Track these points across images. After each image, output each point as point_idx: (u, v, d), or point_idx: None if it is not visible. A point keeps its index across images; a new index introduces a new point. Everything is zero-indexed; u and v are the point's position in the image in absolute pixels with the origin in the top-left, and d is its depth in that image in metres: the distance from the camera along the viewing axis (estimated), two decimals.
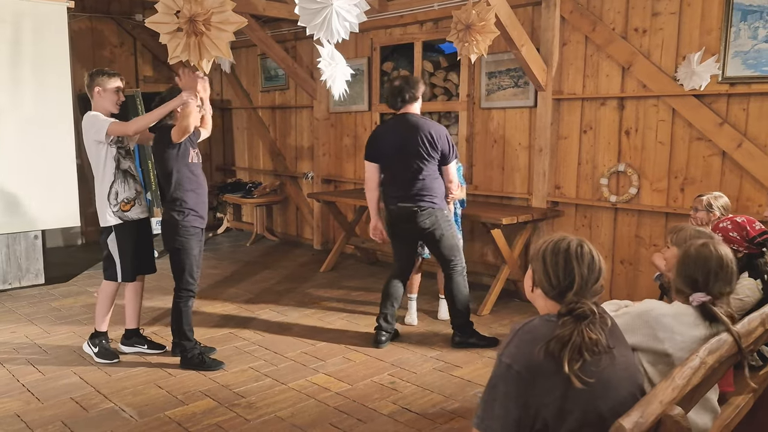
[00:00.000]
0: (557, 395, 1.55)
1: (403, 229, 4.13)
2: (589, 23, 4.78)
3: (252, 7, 5.81)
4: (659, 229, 4.59)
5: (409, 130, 3.99)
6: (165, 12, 2.83)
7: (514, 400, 1.56)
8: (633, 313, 2.09)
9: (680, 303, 2.09)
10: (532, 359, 1.56)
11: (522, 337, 1.62)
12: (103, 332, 3.98)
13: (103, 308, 3.96)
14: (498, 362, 1.62)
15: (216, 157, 8.80)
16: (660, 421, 1.53)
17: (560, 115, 5.09)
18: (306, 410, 3.30)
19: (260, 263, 6.64)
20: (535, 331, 1.63)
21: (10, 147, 5.23)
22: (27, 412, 3.26)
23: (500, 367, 1.60)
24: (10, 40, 5.18)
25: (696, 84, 4.27)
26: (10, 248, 5.46)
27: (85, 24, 7.41)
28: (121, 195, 3.83)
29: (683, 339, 1.98)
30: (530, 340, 1.60)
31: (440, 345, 4.24)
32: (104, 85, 3.79)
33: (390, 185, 4.12)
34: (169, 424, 3.15)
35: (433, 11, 5.70)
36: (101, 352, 3.93)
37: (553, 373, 1.55)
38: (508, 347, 1.62)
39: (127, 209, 3.85)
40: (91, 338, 3.99)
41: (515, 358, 1.59)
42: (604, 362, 1.60)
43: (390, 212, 4.15)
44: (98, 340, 3.95)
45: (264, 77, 7.93)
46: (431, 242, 4.14)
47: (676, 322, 2.01)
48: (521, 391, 1.56)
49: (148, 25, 2.86)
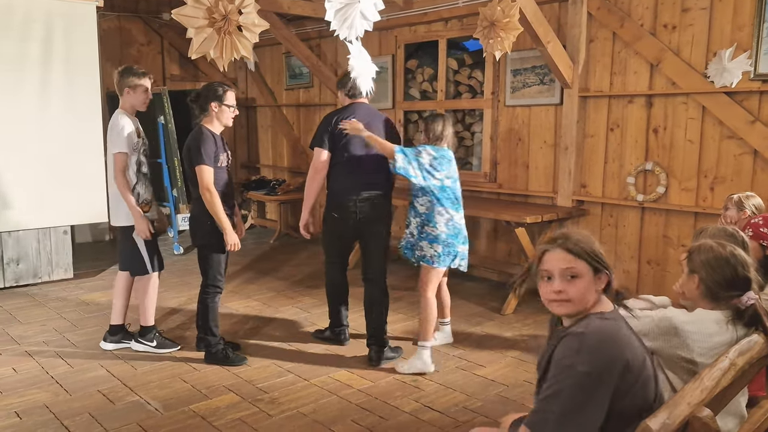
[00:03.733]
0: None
1: (363, 221, 3.85)
2: (617, 19, 4.71)
3: (277, 6, 5.84)
4: (688, 229, 4.51)
5: (377, 118, 3.95)
6: (194, 6, 2.84)
7: (598, 405, 1.55)
8: (655, 318, 2.07)
9: (702, 310, 2.07)
10: (613, 359, 1.56)
11: (593, 339, 1.60)
12: (152, 325, 4.06)
13: (149, 303, 4.03)
14: (571, 372, 1.56)
15: (240, 154, 8.87)
16: (688, 422, 1.50)
17: (587, 113, 5.03)
18: (328, 406, 3.31)
19: (284, 260, 6.68)
20: (604, 331, 1.62)
21: (40, 144, 5.33)
22: (56, 404, 3.32)
23: (576, 377, 1.55)
24: (41, 39, 5.28)
25: (727, 81, 4.18)
26: (41, 243, 5.57)
27: (113, 23, 7.52)
28: (143, 196, 3.91)
29: (706, 345, 1.97)
30: (604, 340, 1.59)
31: (463, 344, 4.22)
32: (134, 85, 3.87)
33: (355, 174, 3.84)
34: (193, 417, 3.19)
35: (458, 8, 5.67)
36: (161, 343, 4.03)
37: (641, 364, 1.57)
38: (579, 355, 1.57)
39: (147, 210, 3.93)
40: (141, 335, 4.05)
41: (594, 364, 1.55)
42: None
43: (348, 203, 3.83)
44: (152, 335, 4.05)
45: (288, 75, 7.97)
46: (380, 237, 3.92)
47: (697, 329, 2.00)
48: (605, 395, 1.55)
49: (174, 16, 2.87)
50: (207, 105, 3.69)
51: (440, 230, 3.71)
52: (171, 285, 5.60)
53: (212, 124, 3.73)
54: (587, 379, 1.53)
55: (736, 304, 2.03)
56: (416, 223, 3.79)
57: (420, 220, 3.77)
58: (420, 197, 3.74)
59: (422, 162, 3.63)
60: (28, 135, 5.28)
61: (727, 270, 2.03)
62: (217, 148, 3.70)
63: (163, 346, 4.04)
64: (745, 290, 2.03)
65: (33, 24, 5.22)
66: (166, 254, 6.74)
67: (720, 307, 2.06)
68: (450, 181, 3.71)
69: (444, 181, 3.68)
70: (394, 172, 3.70)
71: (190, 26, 2.88)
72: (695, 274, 2.10)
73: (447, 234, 3.72)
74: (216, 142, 3.70)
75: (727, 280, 2.03)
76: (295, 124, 8.02)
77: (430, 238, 3.73)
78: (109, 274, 5.99)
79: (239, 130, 8.76)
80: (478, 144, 6.00)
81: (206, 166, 3.61)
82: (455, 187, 3.77)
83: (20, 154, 5.26)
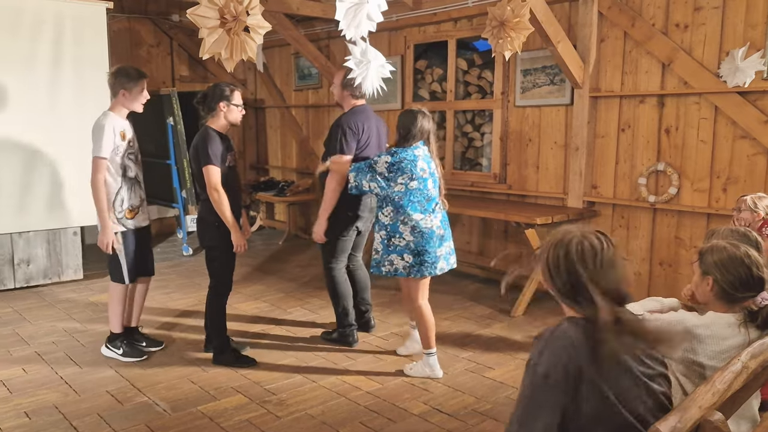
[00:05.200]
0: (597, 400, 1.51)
1: (366, 219, 4.14)
2: (628, 19, 4.67)
3: (286, 6, 5.84)
4: (700, 231, 4.46)
5: (378, 121, 4.02)
6: (207, 6, 2.85)
7: (552, 408, 1.52)
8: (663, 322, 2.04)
9: (713, 313, 2.04)
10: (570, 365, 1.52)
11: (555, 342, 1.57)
12: (119, 333, 3.96)
13: (116, 310, 3.94)
14: (531, 372, 1.56)
15: (249, 155, 8.88)
16: (699, 426, 1.47)
17: (597, 113, 4.99)
18: (336, 408, 3.30)
19: (292, 261, 6.67)
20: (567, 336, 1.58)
21: (50, 145, 5.36)
22: (65, 404, 3.33)
23: (534, 378, 1.55)
24: (52, 41, 5.31)
25: (740, 80, 4.13)
26: (51, 244, 5.59)
27: (123, 24, 7.55)
28: (127, 202, 3.82)
29: (718, 349, 1.95)
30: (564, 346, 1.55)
31: (472, 346, 4.19)
32: (130, 88, 3.75)
33: None
34: (201, 418, 3.18)
35: (467, 8, 5.65)
36: (126, 351, 3.94)
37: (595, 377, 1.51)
38: (541, 356, 1.56)
39: (131, 217, 3.85)
40: (109, 341, 3.99)
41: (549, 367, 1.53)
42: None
43: (365, 200, 4.03)
44: (118, 342, 3.96)
45: (297, 76, 7.98)
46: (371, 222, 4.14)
47: (709, 333, 1.98)
48: (559, 399, 1.52)
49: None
50: (215, 105, 3.69)
51: (407, 239, 3.50)
52: (179, 286, 5.61)
53: (218, 124, 3.73)
54: (542, 381, 1.53)
55: (748, 306, 2.00)
56: (381, 237, 3.59)
57: (385, 232, 3.56)
58: (384, 207, 3.57)
59: (377, 171, 3.49)
60: (38, 136, 5.30)
61: (741, 270, 2.00)
62: (224, 147, 3.70)
63: (128, 355, 3.92)
64: (759, 291, 2.00)
65: (43, 25, 5.26)
66: (175, 255, 6.79)
67: (733, 309, 2.02)
68: (416, 182, 3.47)
69: (409, 184, 3.46)
70: (350, 193, 3.69)
71: (203, 26, 2.89)
72: (709, 276, 2.06)
73: (415, 242, 3.51)
74: (222, 142, 3.70)
75: (742, 281, 2.00)
76: (304, 125, 8.03)
77: (398, 249, 3.53)
78: None
79: (248, 131, 8.78)
80: (488, 145, 5.97)
81: (213, 166, 3.61)
82: (425, 186, 3.51)
83: (30, 155, 5.29)
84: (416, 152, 3.51)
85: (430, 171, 3.56)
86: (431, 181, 3.56)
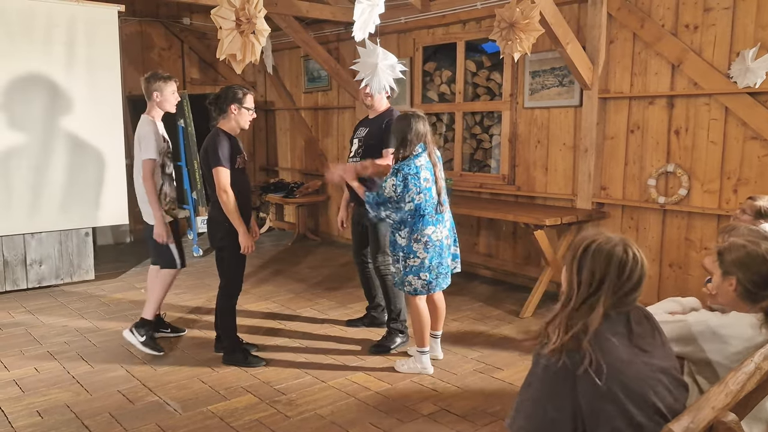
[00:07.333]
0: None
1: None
2: (638, 20, 4.66)
3: (295, 9, 5.87)
4: (710, 232, 4.44)
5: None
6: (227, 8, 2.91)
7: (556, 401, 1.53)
8: (686, 323, 2.02)
9: (736, 313, 2.02)
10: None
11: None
12: (150, 321, 4.12)
13: (159, 296, 4.14)
14: (535, 362, 1.61)
15: (259, 157, 8.92)
16: (712, 427, 1.47)
17: (606, 115, 4.98)
18: (346, 409, 3.31)
19: (302, 263, 6.69)
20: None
21: (62, 147, 5.40)
22: (77, 403, 3.36)
23: (538, 368, 1.60)
24: (64, 44, 5.35)
25: (751, 81, 4.12)
26: (63, 245, 5.64)
27: (134, 27, 7.61)
28: (169, 195, 4.09)
29: (739, 350, 1.92)
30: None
31: (481, 346, 4.19)
32: (163, 90, 4.00)
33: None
34: (211, 418, 3.20)
35: (476, 10, 5.65)
36: (147, 342, 4.05)
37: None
38: (544, 348, 1.60)
39: (174, 209, 4.14)
40: (137, 326, 4.10)
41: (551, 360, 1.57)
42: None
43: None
44: (143, 330, 4.07)
45: (307, 78, 8.01)
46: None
47: (733, 333, 1.95)
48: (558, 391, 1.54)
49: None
50: (226, 107, 3.72)
51: (421, 257, 3.52)
52: (190, 286, 5.64)
53: (229, 126, 3.75)
54: (545, 373, 1.59)
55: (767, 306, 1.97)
56: (399, 258, 3.60)
57: (402, 254, 3.57)
58: (400, 230, 3.56)
59: (387, 197, 3.45)
60: (50, 138, 5.35)
61: (764, 268, 1.96)
62: (234, 150, 3.72)
63: (148, 345, 4.04)
64: None
65: (55, 29, 5.30)
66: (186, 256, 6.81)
67: (754, 309, 1.99)
68: (422, 195, 3.45)
69: (415, 198, 3.44)
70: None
71: (223, 26, 2.95)
72: (731, 276, 2.01)
73: (429, 258, 3.54)
74: (232, 144, 3.72)
75: (765, 279, 1.96)
76: (313, 127, 8.05)
77: (414, 269, 3.55)
78: (130, 276, 6.05)
79: (258, 133, 8.82)
80: (497, 146, 5.97)
81: (223, 168, 3.64)
82: (431, 195, 3.50)
83: (42, 156, 5.33)
84: (418, 163, 3.46)
85: (433, 179, 3.55)
86: (441, 182, 3.60)
